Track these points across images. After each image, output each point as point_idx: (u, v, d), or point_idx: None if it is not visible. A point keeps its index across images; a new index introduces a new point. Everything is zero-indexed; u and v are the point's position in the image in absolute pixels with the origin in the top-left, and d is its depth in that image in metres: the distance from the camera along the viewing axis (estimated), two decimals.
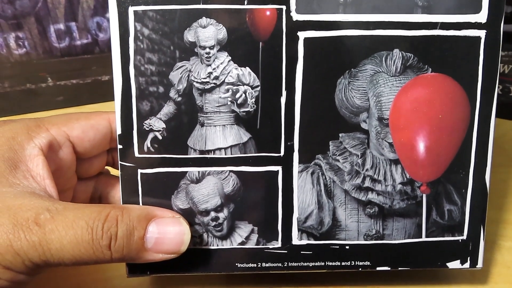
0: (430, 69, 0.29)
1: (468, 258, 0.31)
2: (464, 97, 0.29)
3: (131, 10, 0.28)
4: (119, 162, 0.30)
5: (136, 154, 0.30)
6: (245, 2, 0.28)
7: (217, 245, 0.31)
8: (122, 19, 0.28)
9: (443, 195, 0.30)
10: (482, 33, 0.29)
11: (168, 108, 0.29)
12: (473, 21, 0.28)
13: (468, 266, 0.31)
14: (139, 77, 0.29)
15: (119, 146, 0.30)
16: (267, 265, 0.31)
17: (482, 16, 0.28)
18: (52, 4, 0.46)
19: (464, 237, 0.31)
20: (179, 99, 0.29)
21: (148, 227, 0.27)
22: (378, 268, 0.31)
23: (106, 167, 0.37)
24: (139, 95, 0.29)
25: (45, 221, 0.26)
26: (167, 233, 0.28)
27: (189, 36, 0.28)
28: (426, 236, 0.31)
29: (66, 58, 0.50)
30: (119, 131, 0.29)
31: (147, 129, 0.29)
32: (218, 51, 0.29)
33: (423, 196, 0.30)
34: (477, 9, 0.28)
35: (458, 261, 0.31)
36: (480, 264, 0.31)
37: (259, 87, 0.29)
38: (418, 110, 0.29)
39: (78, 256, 0.26)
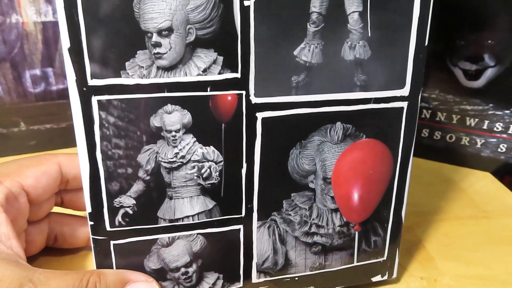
0: (364, 135, 0.34)
1: (387, 272, 0.39)
2: (389, 155, 0.35)
3: (94, 99, 0.28)
4: (91, 236, 0.31)
5: (108, 228, 0.31)
6: (208, 89, 0.30)
7: None
8: (85, 108, 0.28)
9: (371, 230, 0.37)
10: (405, 104, 0.34)
11: (137, 186, 0.31)
12: (398, 95, 0.34)
13: (387, 278, 0.39)
14: (107, 161, 0.30)
15: (90, 223, 0.31)
16: None
17: (405, 90, 0.34)
18: (29, 50, 0.42)
19: (385, 258, 0.39)
20: (148, 178, 0.31)
21: None
22: None
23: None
24: (108, 177, 0.30)
25: None
26: None
27: (155, 121, 0.30)
28: (357, 262, 0.38)
29: (41, 103, 0.47)
30: (89, 210, 0.31)
31: (117, 206, 0.31)
32: (183, 133, 0.30)
33: (356, 233, 0.37)
34: (402, 85, 0.34)
35: (380, 275, 0.39)
36: (394, 275, 0.40)
37: (222, 162, 0.32)
38: (354, 168, 0.34)
39: None
